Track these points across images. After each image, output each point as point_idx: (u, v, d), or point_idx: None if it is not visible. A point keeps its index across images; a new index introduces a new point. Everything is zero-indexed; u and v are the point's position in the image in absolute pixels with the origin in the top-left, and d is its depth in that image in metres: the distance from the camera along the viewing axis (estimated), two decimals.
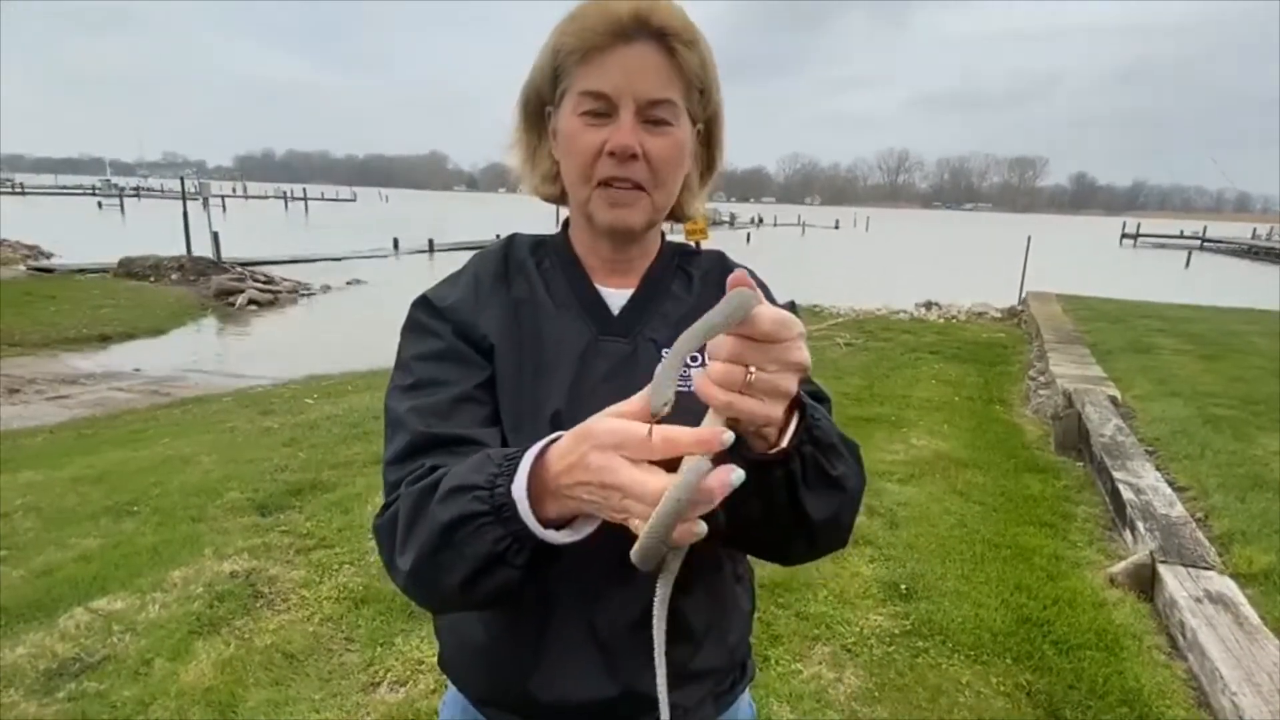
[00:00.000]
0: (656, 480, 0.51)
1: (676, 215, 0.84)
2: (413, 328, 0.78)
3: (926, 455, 4.61)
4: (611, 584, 0.74)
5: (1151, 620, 2.78)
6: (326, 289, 16.44)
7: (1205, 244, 47.56)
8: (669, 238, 0.88)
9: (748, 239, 33.15)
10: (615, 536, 0.58)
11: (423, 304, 0.78)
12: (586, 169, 0.74)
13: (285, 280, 16.17)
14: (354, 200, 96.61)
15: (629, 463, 0.52)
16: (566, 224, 0.85)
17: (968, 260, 29.53)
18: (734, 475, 0.51)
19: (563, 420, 0.72)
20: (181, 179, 22.83)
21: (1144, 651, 2.55)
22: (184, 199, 19.09)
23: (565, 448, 0.56)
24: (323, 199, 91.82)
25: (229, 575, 2.88)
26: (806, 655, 2.49)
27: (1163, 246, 48.91)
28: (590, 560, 0.72)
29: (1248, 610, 2.61)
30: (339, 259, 22.21)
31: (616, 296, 0.80)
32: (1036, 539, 3.44)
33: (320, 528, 3.33)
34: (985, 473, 4.32)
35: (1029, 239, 14.01)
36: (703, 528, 0.53)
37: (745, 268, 0.89)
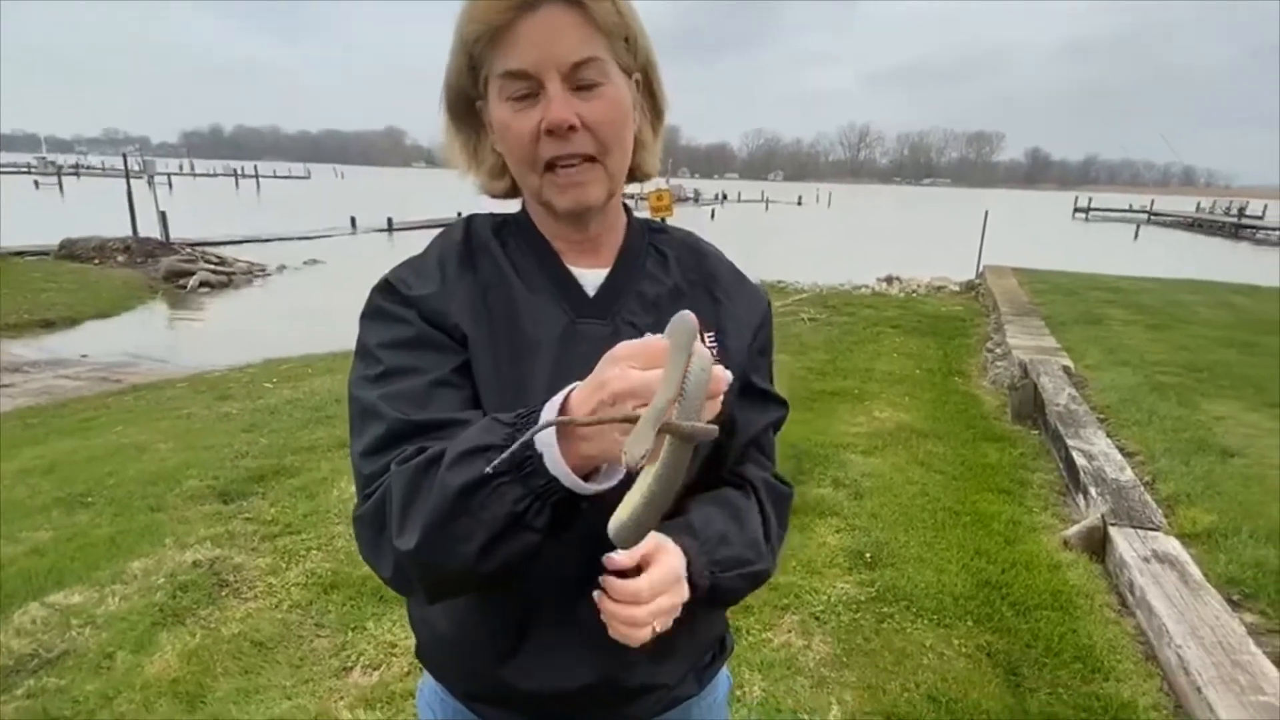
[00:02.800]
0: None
1: (635, 174, 0.81)
2: (376, 314, 0.74)
3: (889, 427, 4.71)
4: (592, 568, 0.74)
5: (1102, 580, 2.90)
6: (283, 269, 15.99)
7: (1153, 217, 49.05)
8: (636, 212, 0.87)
9: (712, 215, 33.10)
10: (601, 523, 0.58)
11: (386, 289, 0.74)
12: (529, 155, 0.70)
13: (239, 261, 15.66)
14: (308, 177, 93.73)
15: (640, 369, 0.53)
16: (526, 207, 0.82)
17: (927, 235, 30.02)
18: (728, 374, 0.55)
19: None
20: (124, 156, 21.79)
21: (1096, 610, 2.67)
22: (127, 177, 18.28)
23: (586, 385, 0.56)
24: (275, 176, 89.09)
25: (192, 564, 2.82)
26: (776, 624, 2.55)
27: (1113, 220, 50.33)
28: (569, 543, 0.73)
29: (1192, 568, 2.74)
30: (295, 239, 21.61)
31: (590, 277, 0.78)
32: (995, 505, 3.55)
33: (285, 514, 3.28)
34: (945, 443, 4.44)
35: (986, 214, 14.27)
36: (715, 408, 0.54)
37: (714, 247, 0.89)
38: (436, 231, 0.82)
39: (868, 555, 3.02)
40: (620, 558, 0.64)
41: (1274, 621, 2.49)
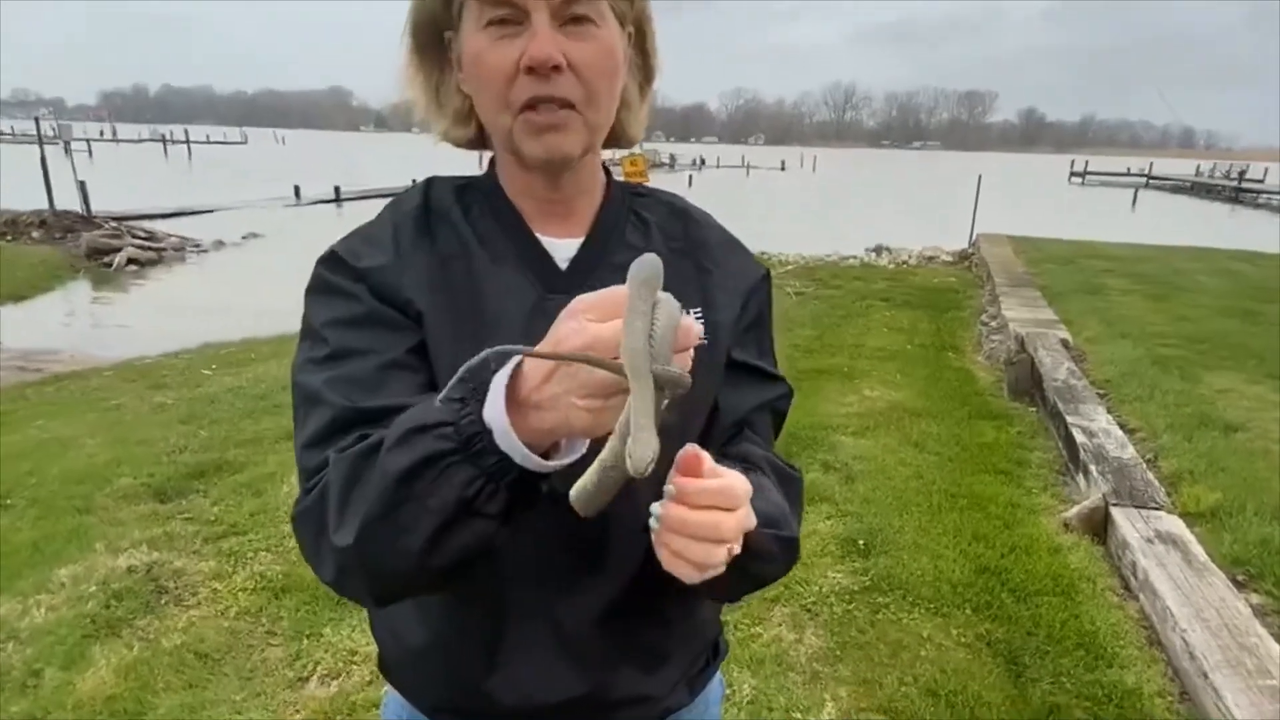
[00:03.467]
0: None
1: (617, 139, 0.78)
2: (321, 289, 0.71)
3: (880, 406, 4.76)
4: (576, 573, 0.72)
5: (1104, 563, 2.97)
6: (220, 245, 15.62)
7: (1151, 181, 49.97)
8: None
9: (689, 182, 32.98)
10: (577, 523, 0.56)
11: (332, 261, 0.71)
12: (502, 94, 0.67)
13: (170, 236, 15.24)
14: (245, 143, 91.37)
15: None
16: (494, 162, 0.79)
17: (918, 202, 30.27)
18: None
19: None
20: (36, 120, 21.06)
21: (1098, 594, 2.73)
22: (40, 143, 17.63)
23: (540, 348, 0.53)
24: (209, 141, 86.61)
25: (126, 571, 2.76)
26: (766, 618, 2.56)
27: (1110, 184, 51.21)
28: (550, 546, 0.70)
29: (1196, 548, 2.81)
30: (232, 210, 21.10)
31: (562, 247, 0.75)
32: (992, 487, 3.61)
33: (229, 513, 3.22)
34: (939, 422, 4.50)
35: (979, 179, 14.41)
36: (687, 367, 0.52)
37: (703, 212, 0.87)
38: (388, 201, 0.78)
39: (861, 542, 3.05)
40: (697, 452, 0.56)
41: None
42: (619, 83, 0.71)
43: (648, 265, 0.50)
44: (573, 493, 0.53)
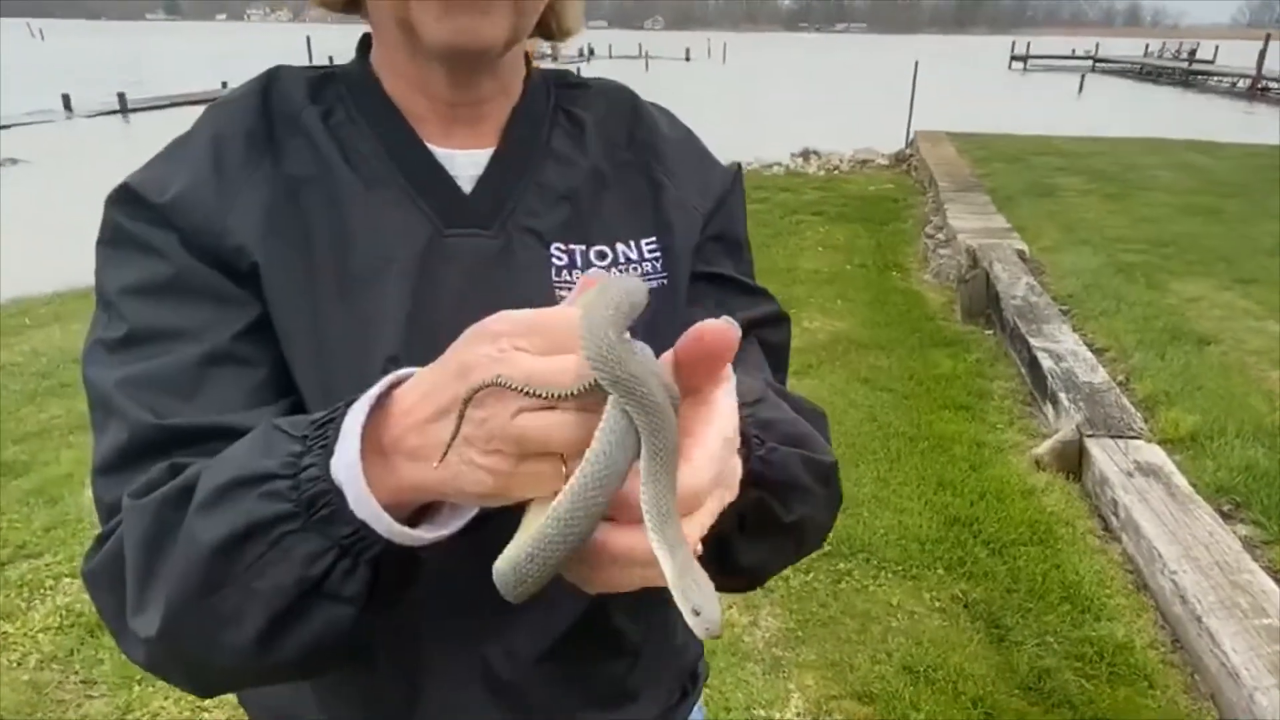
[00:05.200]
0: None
1: (547, 29, 0.71)
2: (114, 240, 0.62)
3: (823, 339, 4.85)
4: (512, 606, 0.65)
5: (1082, 502, 3.14)
6: None
7: (1098, 64, 52.69)
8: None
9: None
10: (507, 526, 0.48)
11: (125, 199, 0.62)
12: None
13: None
14: None
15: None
16: (366, 46, 0.69)
17: (846, 96, 30.80)
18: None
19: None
20: None
21: (1078, 539, 2.89)
22: None
23: (432, 371, 0.46)
24: None
25: None
26: None
27: (1054, 69, 53.65)
28: (472, 564, 0.63)
29: (1179, 479, 3.00)
30: None
31: (465, 162, 0.67)
32: (954, 424, 3.75)
33: (15, 530, 2.98)
34: (889, 354, 4.63)
35: (916, 66, 14.71)
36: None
37: (656, 106, 0.78)
38: (207, 106, 0.68)
39: None
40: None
41: (1270, 531, 2.78)
42: None
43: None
44: (497, 573, 0.45)
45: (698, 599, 0.40)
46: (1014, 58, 58.02)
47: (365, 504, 0.46)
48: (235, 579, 0.48)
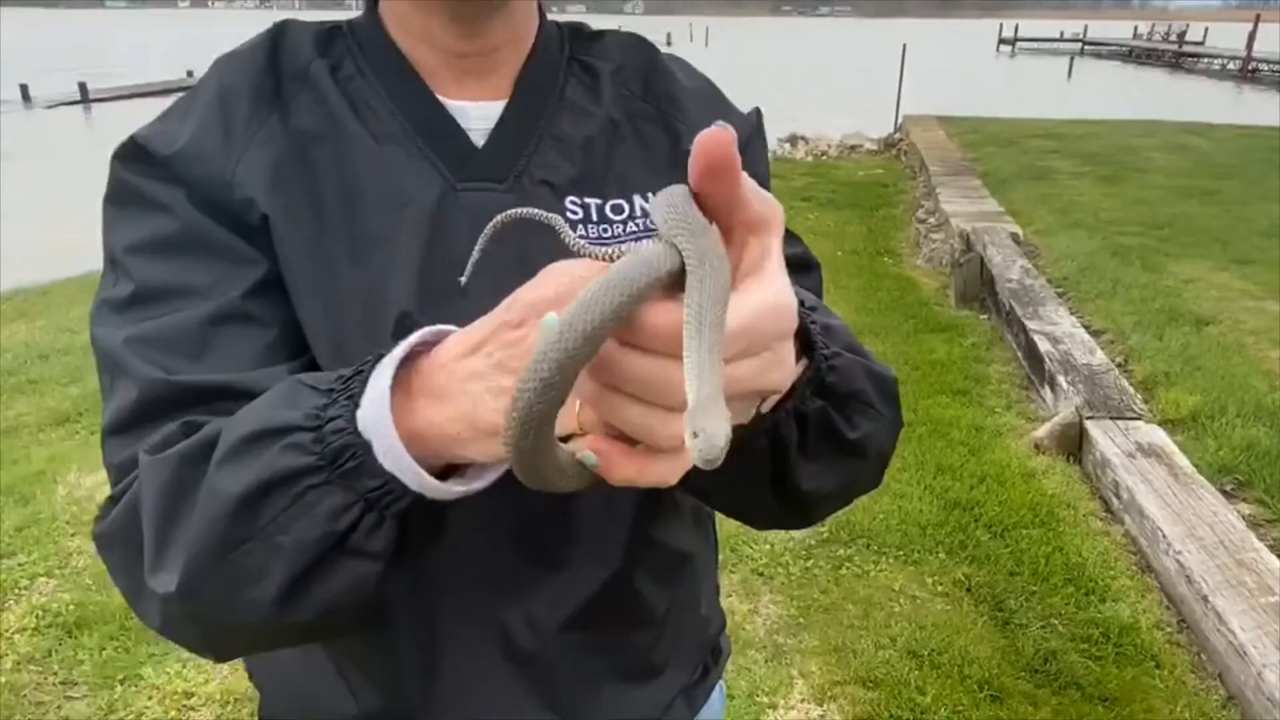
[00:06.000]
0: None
1: None
2: (120, 197, 0.62)
3: None
4: (531, 564, 0.66)
5: (1083, 485, 3.17)
6: None
7: (1087, 48, 53.03)
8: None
9: None
10: (528, 495, 0.47)
11: (132, 154, 0.61)
12: None
13: None
14: None
15: None
16: (374, 1, 0.68)
17: (832, 81, 30.90)
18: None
19: (413, 328, 0.59)
20: None
21: (1080, 521, 2.92)
22: None
23: (478, 329, 0.45)
24: None
25: None
26: None
27: (1043, 52, 53.97)
28: (494, 529, 0.63)
29: (1181, 459, 3.03)
30: None
31: (477, 114, 0.66)
32: (951, 409, 3.77)
33: None
34: (883, 339, 4.65)
35: (904, 49, 14.74)
36: None
37: (673, 56, 0.77)
38: (165, 103, 0.68)
39: None
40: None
41: (1273, 510, 2.82)
42: None
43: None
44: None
45: (703, 421, 0.36)
46: (1002, 41, 58.37)
47: (395, 455, 0.45)
48: (257, 534, 0.47)
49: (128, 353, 0.57)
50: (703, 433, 0.35)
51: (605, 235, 0.66)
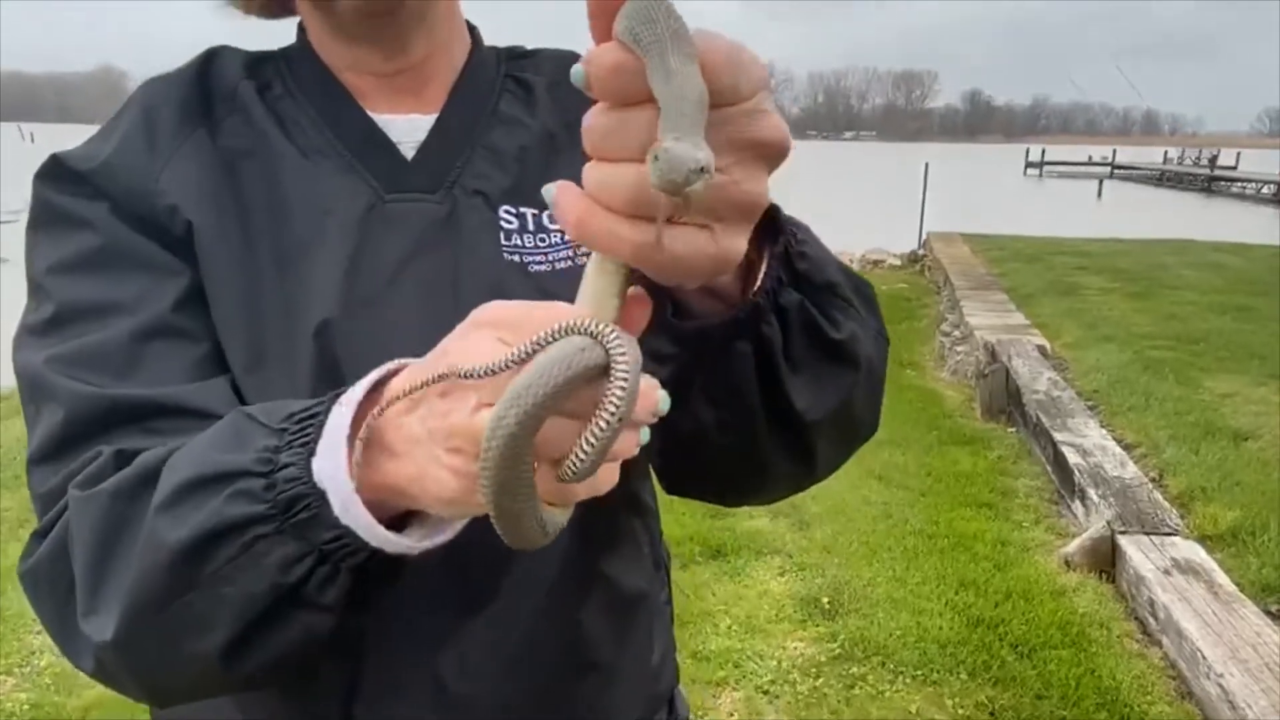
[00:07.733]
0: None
1: None
2: (42, 219, 0.62)
3: None
4: (464, 605, 0.64)
5: (1117, 604, 3.06)
6: None
7: (1116, 171, 54.35)
8: None
9: None
10: (473, 526, 0.48)
11: (52, 173, 0.62)
12: None
13: None
14: None
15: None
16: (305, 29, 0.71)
17: (856, 199, 31.72)
18: (659, 395, 0.42)
19: (334, 335, 0.60)
20: None
21: (1114, 641, 2.80)
22: None
23: (416, 366, 0.45)
24: None
25: None
26: (712, 707, 2.50)
27: (1071, 175, 55.33)
28: (425, 568, 0.60)
29: (1220, 577, 2.93)
30: None
31: (406, 128, 0.68)
32: (975, 523, 3.69)
33: None
34: (905, 450, 4.60)
35: (926, 167, 15.18)
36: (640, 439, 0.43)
37: None
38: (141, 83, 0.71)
39: (824, 601, 3.04)
40: None
41: None
42: None
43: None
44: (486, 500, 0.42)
45: (669, 145, 0.34)
46: (1029, 164, 59.96)
47: (352, 510, 0.44)
48: (202, 584, 0.46)
49: (50, 373, 0.56)
50: (664, 154, 0.34)
51: (543, 244, 0.67)
